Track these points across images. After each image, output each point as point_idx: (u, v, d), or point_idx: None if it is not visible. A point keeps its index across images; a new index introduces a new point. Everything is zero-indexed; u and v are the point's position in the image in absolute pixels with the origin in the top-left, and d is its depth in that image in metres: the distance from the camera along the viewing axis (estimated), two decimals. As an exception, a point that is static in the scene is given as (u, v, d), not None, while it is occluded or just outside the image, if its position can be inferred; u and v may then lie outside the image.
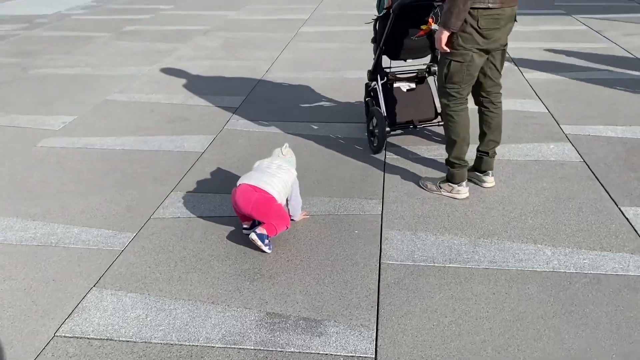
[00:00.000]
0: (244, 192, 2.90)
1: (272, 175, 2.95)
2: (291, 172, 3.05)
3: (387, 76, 4.14)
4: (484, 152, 3.51)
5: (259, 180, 2.91)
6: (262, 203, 2.87)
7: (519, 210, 3.26)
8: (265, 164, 3.06)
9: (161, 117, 4.91)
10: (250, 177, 2.95)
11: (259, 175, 2.95)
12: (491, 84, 3.38)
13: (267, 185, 2.89)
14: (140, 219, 3.31)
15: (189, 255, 2.95)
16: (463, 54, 3.13)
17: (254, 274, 2.78)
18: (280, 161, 3.09)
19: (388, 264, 2.83)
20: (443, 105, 3.35)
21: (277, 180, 2.94)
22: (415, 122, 4.12)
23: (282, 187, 2.95)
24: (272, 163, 3.06)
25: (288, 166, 3.07)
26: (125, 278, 2.78)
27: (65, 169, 4.00)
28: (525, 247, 2.93)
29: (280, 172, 3.00)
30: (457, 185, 3.42)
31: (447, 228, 3.12)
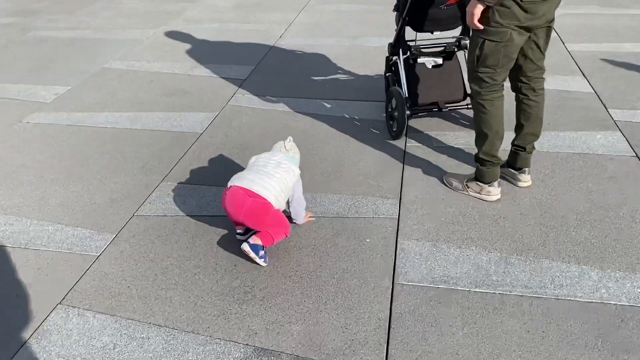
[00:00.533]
0: (235, 196, 2.47)
1: (270, 176, 2.51)
2: (293, 171, 2.61)
3: (410, 50, 3.61)
4: (520, 146, 3.00)
5: (253, 182, 2.47)
6: (256, 210, 2.44)
7: (560, 219, 2.78)
8: (262, 161, 2.62)
9: (160, 90, 4.46)
10: (243, 178, 2.51)
11: (253, 175, 2.51)
12: (532, 67, 2.84)
13: (262, 188, 2.45)
14: (122, 216, 2.91)
15: (171, 265, 2.55)
16: (500, 32, 2.60)
17: (244, 293, 2.37)
18: (280, 157, 2.64)
19: (403, 285, 2.40)
20: (474, 92, 2.84)
21: (275, 181, 2.50)
22: (440, 104, 3.59)
23: (281, 189, 2.51)
24: (270, 159, 2.62)
25: (289, 163, 2.62)
26: (96, 294, 2.40)
27: (49, 150, 3.61)
28: (566, 268, 2.46)
29: (279, 170, 2.55)
30: (488, 185, 2.94)
31: (473, 239, 2.66)
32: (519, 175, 3.05)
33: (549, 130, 3.59)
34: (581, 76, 4.45)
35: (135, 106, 4.20)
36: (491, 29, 2.61)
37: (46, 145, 3.67)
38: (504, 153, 3.02)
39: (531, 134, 2.97)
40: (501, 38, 2.62)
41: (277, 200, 2.47)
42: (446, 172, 3.15)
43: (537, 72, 2.88)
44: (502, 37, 2.62)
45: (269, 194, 2.44)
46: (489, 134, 2.83)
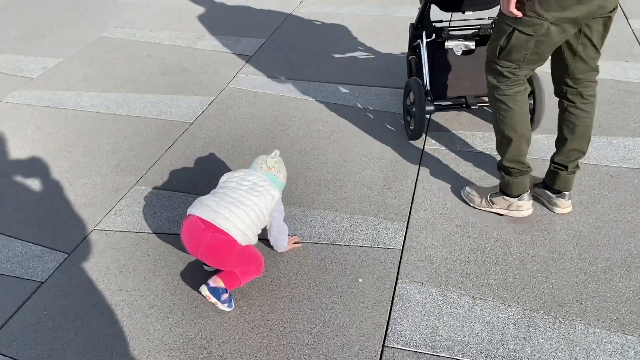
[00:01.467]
0: (192, 229, 2.01)
1: (238, 204, 2.03)
2: (271, 195, 2.12)
3: (435, 33, 3.00)
4: (561, 165, 2.43)
5: (216, 212, 2.00)
6: (215, 248, 1.98)
7: (604, 263, 2.22)
8: (233, 182, 2.14)
9: (156, 66, 4.00)
10: (204, 205, 2.04)
11: (217, 202, 2.04)
12: (583, 68, 2.24)
13: (226, 220, 1.98)
14: (81, 230, 2.51)
15: (122, 302, 2.15)
16: (535, 25, 2.03)
17: (200, 349, 1.95)
18: (257, 177, 2.16)
19: (395, 350, 1.92)
20: (491, 86, 2.31)
21: (245, 210, 2.02)
22: (469, 99, 3.00)
23: (253, 220, 2.04)
24: (244, 180, 2.14)
25: (267, 185, 2.14)
26: (28, 336, 2.03)
27: (20, 139, 3.22)
28: (606, 336, 1.93)
29: (254, 195, 2.07)
30: (517, 199, 2.41)
31: (491, 287, 2.14)
32: (557, 199, 2.48)
33: (597, 135, 2.98)
34: (645, 63, 3.74)
35: (125, 85, 3.76)
36: (525, 19, 2.03)
37: (19, 132, 3.29)
38: (540, 167, 2.46)
39: (576, 150, 2.40)
40: (535, 31, 2.05)
41: (244, 236, 2.01)
42: (466, 186, 2.60)
43: (589, 75, 2.28)
44: (536, 30, 2.05)
45: (234, 229, 1.98)
46: (513, 137, 2.31)
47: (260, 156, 2.28)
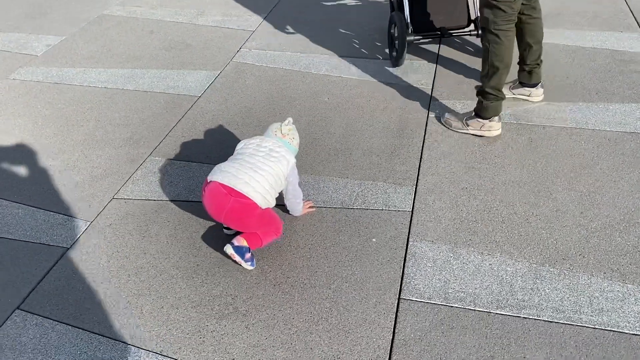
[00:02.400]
0: (215, 195, 2.10)
1: (257, 169, 2.12)
2: (287, 160, 2.21)
3: None
4: (535, 64, 2.98)
5: (237, 178, 2.09)
6: (238, 212, 2.08)
7: (604, 219, 2.34)
8: (250, 148, 2.22)
9: (160, 42, 4.04)
10: (225, 172, 2.13)
11: (237, 168, 2.13)
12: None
13: (246, 185, 2.07)
14: (101, 199, 2.59)
15: (147, 264, 2.24)
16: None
17: (225, 305, 2.05)
18: (272, 143, 2.24)
19: (410, 301, 2.04)
20: (487, 22, 2.62)
21: (264, 175, 2.11)
22: (443, 31, 3.43)
23: (271, 184, 2.13)
24: (260, 147, 2.22)
25: (283, 151, 2.23)
26: (60, 298, 2.12)
27: (32, 113, 3.28)
28: (608, 286, 2.06)
29: (270, 161, 2.16)
30: (489, 120, 2.80)
31: (499, 243, 2.26)
32: (537, 90, 3.06)
33: (595, 101, 3.09)
34: (639, 33, 3.84)
35: (131, 61, 3.81)
36: None
37: (29, 108, 3.34)
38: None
39: (540, 49, 2.96)
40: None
41: (264, 200, 2.10)
42: (444, 114, 3.00)
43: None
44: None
45: (255, 192, 2.07)
46: (500, 67, 2.66)
47: (274, 123, 2.36)
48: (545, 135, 2.86)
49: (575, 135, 2.84)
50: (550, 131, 2.89)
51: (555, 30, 3.90)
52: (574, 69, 3.43)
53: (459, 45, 3.79)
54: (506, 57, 2.64)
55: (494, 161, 2.70)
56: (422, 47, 3.76)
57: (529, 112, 3.03)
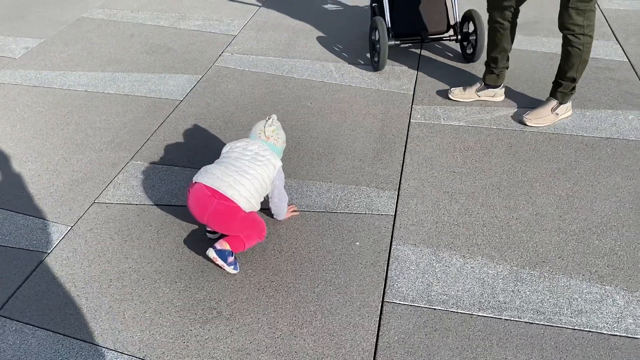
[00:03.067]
0: (198, 196, 2.09)
1: (243, 172, 2.12)
2: (272, 164, 2.21)
3: None
4: (506, 67, 3.16)
5: (221, 180, 2.09)
6: (221, 214, 2.07)
7: (582, 222, 2.39)
8: (236, 152, 2.22)
9: (141, 46, 4.02)
10: (210, 174, 2.12)
11: (223, 170, 2.12)
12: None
13: (231, 188, 2.07)
14: (81, 203, 2.56)
15: (129, 269, 2.22)
16: None
17: (209, 309, 2.04)
18: (258, 147, 2.24)
19: (394, 304, 2.05)
20: (582, 27, 2.77)
21: (249, 179, 2.11)
22: (424, 36, 3.52)
23: (256, 188, 2.13)
24: (246, 150, 2.22)
25: (269, 155, 2.23)
26: (40, 303, 2.09)
27: (10, 117, 3.23)
28: (587, 288, 2.10)
29: (256, 165, 2.16)
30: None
31: (480, 246, 2.29)
32: (500, 90, 3.21)
33: (572, 108, 3.15)
34: (614, 41, 3.94)
35: (111, 65, 3.77)
36: None
37: (8, 111, 3.29)
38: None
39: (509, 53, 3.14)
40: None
41: (248, 203, 2.10)
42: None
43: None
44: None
45: (239, 196, 2.07)
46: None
47: (258, 123, 2.35)
48: (525, 140, 2.91)
49: (554, 141, 2.90)
50: (529, 136, 2.94)
51: (533, 38, 3.98)
52: (552, 76, 3.48)
53: (439, 50, 3.83)
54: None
55: (474, 165, 2.74)
56: (403, 53, 3.80)
57: (509, 118, 3.08)
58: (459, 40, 3.58)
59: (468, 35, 3.57)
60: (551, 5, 4.49)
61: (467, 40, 3.60)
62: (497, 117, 3.10)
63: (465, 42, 3.62)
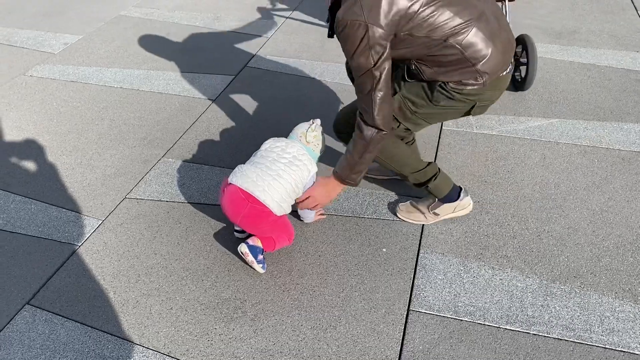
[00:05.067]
0: (233, 199, 2.10)
1: (277, 177, 2.11)
2: (308, 170, 2.20)
3: None
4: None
5: (256, 184, 2.08)
6: (253, 217, 2.08)
7: (616, 238, 2.33)
8: (275, 153, 2.19)
9: (176, 45, 4.07)
10: (246, 177, 2.11)
11: (258, 174, 2.11)
12: None
13: (264, 193, 2.07)
14: (113, 198, 2.60)
15: (157, 265, 2.24)
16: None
17: (234, 309, 2.05)
18: (297, 150, 2.22)
19: (419, 313, 2.03)
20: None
21: (282, 184, 2.10)
22: None
23: (289, 193, 2.13)
24: (284, 152, 2.20)
25: (306, 160, 2.21)
26: (69, 294, 2.12)
27: (48, 110, 3.30)
28: (619, 306, 2.04)
29: (292, 169, 2.15)
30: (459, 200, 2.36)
31: (510, 258, 2.25)
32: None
33: (609, 120, 3.08)
34: (654, 54, 3.84)
35: (147, 62, 3.83)
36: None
37: (45, 105, 3.36)
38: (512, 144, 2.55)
39: None
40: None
41: (279, 207, 2.10)
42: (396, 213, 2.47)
43: None
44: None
45: (271, 201, 2.07)
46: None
47: (301, 125, 2.31)
48: (559, 152, 2.85)
49: (589, 154, 2.84)
50: (563, 148, 2.88)
51: (570, 48, 3.90)
52: (588, 87, 3.43)
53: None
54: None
55: (506, 176, 2.70)
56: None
57: (543, 129, 3.03)
58: None
59: (519, 63, 3.29)
60: (589, 15, 4.41)
61: (517, 67, 3.34)
62: (530, 127, 3.05)
63: (515, 69, 3.36)
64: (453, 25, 1.84)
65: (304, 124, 2.33)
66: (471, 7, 1.88)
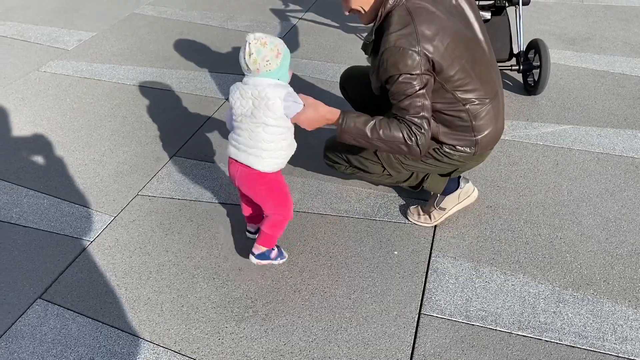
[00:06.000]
0: (230, 167, 2.02)
1: (251, 137, 1.89)
2: (273, 104, 1.81)
3: None
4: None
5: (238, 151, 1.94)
6: (246, 179, 1.98)
7: (630, 246, 2.32)
8: (238, 115, 1.89)
9: (189, 44, 4.08)
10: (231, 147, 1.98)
11: (236, 140, 1.94)
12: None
13: (247, 157, 1.92)
14: (125, 194, 2.61)
15: (169, 262, 2.25)
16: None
17: (245, 308, 2.05)
18: (252, 93, 1.84)
19: (431, 317, 2.02)
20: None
21: (258, 141, 1.88)
22: None
23: (271, 141, 1.89)
24: (243, 109, 1.87)
25: (265, 94, 1.81)
26: (81, 289, 2.13)
27: (61, 106, 3.31)
28: (633, 314, 2.03)
29: (258, 120, 1.84)
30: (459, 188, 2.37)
31: (522, 264, 2.24)
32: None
33: (623, 127, 3.06)
34: (669, 62, 3.81)
35: (160, 61, 3.84)
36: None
37: (59, 100, 3.38)
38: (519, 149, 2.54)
39: None
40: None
41: (270, 162, 1.92)
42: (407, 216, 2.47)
43: None
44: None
45: (257, 161, 1.91)
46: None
47: (239, 56, 1.89)
48: (572, 158, 2.84)
49: (602, 161, 2.82)
50: (576, 155, 2.87)
51: (584, 54, 3.89)
52: (602, 94, 3.41)
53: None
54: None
55: (519, 181, 2.68)
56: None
57: (556, 135, 3.02)
58: (521, 70, 3.34)
59: (532, 67, 3.30)
60: (603, 21, 4.39)
61: (530, 71, 3.33)
62: (544, 133, 3.04)
63: (528, 74, 3.37)
64: (476, 95, 1.99)
65: (240, 52, 1.88)
66: (492, 82, 2.04)
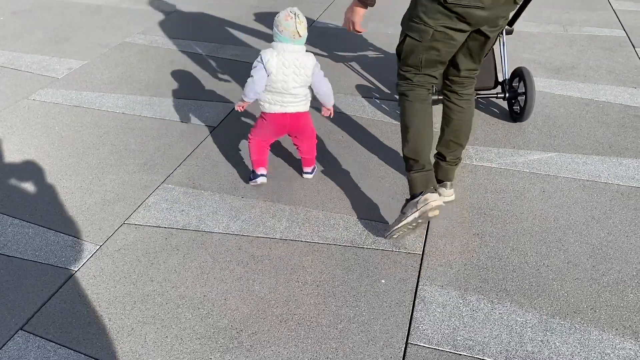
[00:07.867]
0: (275, 122, 2.75)
1: (295, 95, 2.64)
2: (310, 63, 2.58)
3: None
4: (440, 154, 2.66)
5: (286, 107, 2.68)
6: (299, 119, 2.73)
7: (616, 274, 2.32)
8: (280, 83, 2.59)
9: (179, 72, 4.11)
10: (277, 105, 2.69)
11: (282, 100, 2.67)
12: (455, 72, 2.47)
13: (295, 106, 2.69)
14: (111, 223, 2.59)
15: (154, 292, 2.22)
16: (421, 31, 2.21)
17: (230, 339, 2.03)
18: (294, 59, 2.53)
19: (418, 347, 2.00)
20: (396, 84, 2.48)
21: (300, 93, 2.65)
22: None
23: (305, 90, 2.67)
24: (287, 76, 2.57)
25: (304, 60, 2.56)
26: (64, 320, 2.10)
27: (50, 135, 3.31)
28: (620, 343, 2.02)
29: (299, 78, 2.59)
30: (421, 195, 2.27)
31: (509, 292, 2.23)
32: (440, 188, 2.65)
33: (608, 155, 3.09)
34: (652, 90, 3.88)
35: (149, 89, 3.86)
36: (413, 25, 2.23)
37: (47, 129, 3.38)
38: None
39: (453, 142, 2.59)
40: (422, 37, 2.22)
41: (308, 105, 2.72)
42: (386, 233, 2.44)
43: (463, 77, 2.48)
44: (422, 37, 2.22)
45: (305, 107, 2.70)
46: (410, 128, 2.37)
47: (286, 23, 2.46)
48: (558, 186, 2.86)
49: (588, 188, 2.84)
50: (562, 182, 2.89)
51: (569, 83, 3.95)
52: (587, 122, 3.45)
53: (484, 106, 3.78)
54: (416, 121, 2.36)
55: (505, 209, 2.70)
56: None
57: (542, 162, 3.04)
58: (506, 98, 3.40)
59: (517, 94, 3.38)
60: (588, 51, 4.47)
61: (515, 99, 3.41)
62: (530, 160, 3.06)
63: (514, 101, 3.45)
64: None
65: (287, 20, 2.45)
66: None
